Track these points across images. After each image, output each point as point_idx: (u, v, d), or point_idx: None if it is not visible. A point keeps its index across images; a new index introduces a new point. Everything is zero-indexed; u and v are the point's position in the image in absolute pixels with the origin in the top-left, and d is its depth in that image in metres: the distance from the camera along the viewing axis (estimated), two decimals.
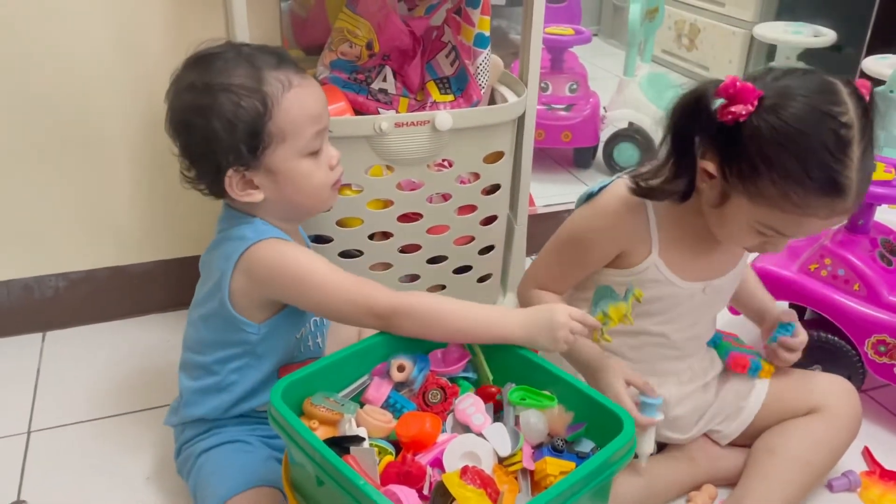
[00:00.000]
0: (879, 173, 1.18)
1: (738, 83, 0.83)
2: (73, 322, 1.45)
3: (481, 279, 1.36)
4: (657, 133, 2.00)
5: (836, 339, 1.24)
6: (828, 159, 0.82)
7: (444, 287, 1.32)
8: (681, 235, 0.98)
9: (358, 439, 0.81)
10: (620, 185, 0.98)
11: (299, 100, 0.89)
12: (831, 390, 1.10)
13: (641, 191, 0.94)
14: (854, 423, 1.09)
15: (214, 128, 0.87)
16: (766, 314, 1.13)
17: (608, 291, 0.94)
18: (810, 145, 0.82)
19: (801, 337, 1.09)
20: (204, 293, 0.97)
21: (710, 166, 0.88)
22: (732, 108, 0.83)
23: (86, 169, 1.36)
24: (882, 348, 1.20)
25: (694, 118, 0.87)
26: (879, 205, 1.24)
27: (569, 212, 1.78)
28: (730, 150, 0.86)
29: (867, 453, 1.18)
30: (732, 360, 1.10)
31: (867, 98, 0.86)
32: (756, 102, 0.83)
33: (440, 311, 0.91)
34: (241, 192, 0.91)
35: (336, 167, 0.96)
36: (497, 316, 0.92)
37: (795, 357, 1.09)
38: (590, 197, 1.02)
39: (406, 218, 1.23)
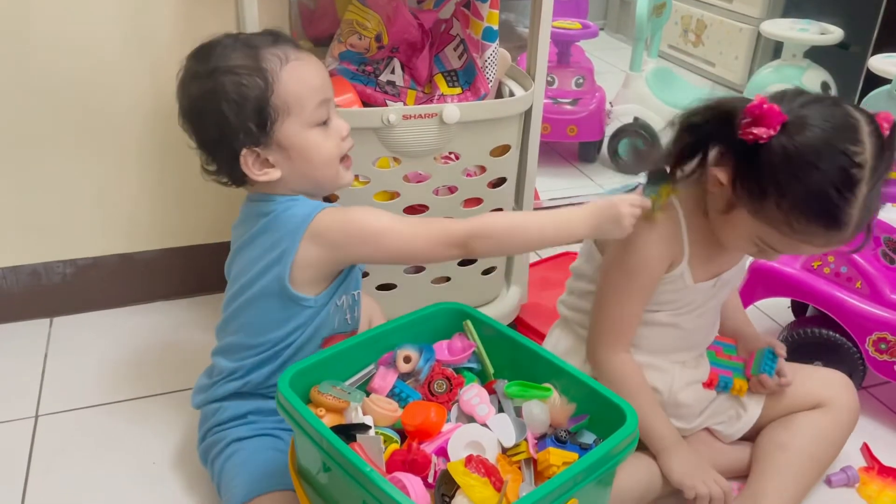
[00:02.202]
0: None
1: (765, 105, 0.84)
2: (80, 308, 1.46)
3: (486, 272, 1.36)
4: (662, 129, 2.02)
5: (837, 335, 1.25)
6: (833, 196, 0.84)
7: (448, 279, 1.33)
8: (700, 238, 0.99)
9: (364, 427, 0.82)
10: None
11: (298, 72, 0.92)
12: (832, 385, 1.11)
13: (645, 165, 0.98)
14: (854, 416, 1.11)
15: (223, 110, 0.89)
16: (742, 336, 1.16)
17: (657, 175, 0.99)
18: (819, 179, 0.84)
19: (784, 381, 1.09)
20: (250, 277, 0.97)
21: (723, 175, 0.90)
22: (755, 130, 0.84)
23: (95, 157, 1.37)
24: (883, 346, 1.21)
25: (718, 131, 0.89)
26: (884, 204, 1.25)
27: (574, 205, 1.80)
28: (743, 165, 0.88)
29: (866, 449, 1.19)
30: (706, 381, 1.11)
31: (887, 133, 0.87)
32: (778, 127, 0.84)
33: (513, 225, 0.95)
34: (259, 171, 0.93)
35: (346, 138, 0.98)
36: (564, 217, 0.95)
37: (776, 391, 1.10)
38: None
39: (412, 210, 1.23)
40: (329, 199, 1.19)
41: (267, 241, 0.95)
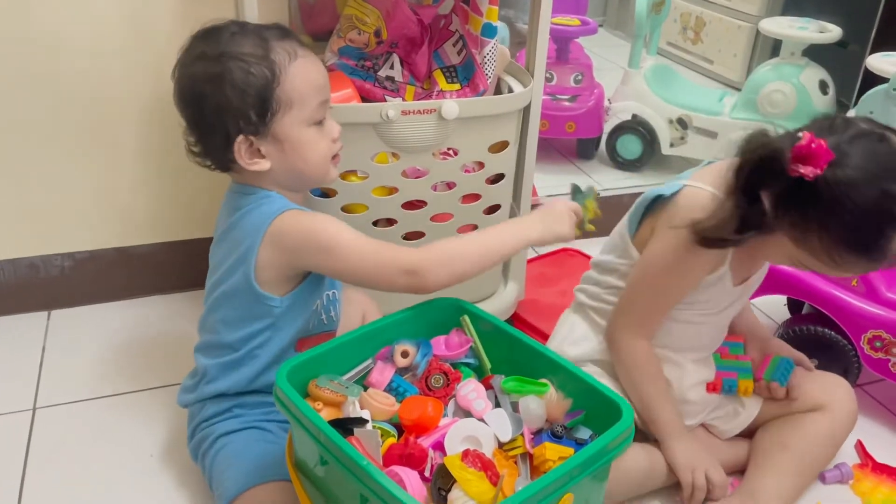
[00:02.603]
0: None
1: (813, 144, 0.84)
2: (77, 301, 1.46)
3: None
4: (660, 126, 2.02)
5: (832, 333, 1.25)
6: (876, 234, 0.86)
7: None
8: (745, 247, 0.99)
9: (361, 421, 0.82)
10: (695, 197, 0.97)
11: (305, 69, 0.93)
12: (833, 389, 1.12)
13: (710, 243, 0.94)
14: (853, 420, 1.13)
15: (226, 95, 0.89)
16: (754, 335, 1.17)
17: (577, 188, 1.07)
18: (864, 221, 0.86)
19: (793, 395, 1.10)
20: (222, 272, 0.98)
21: (765, 201, 0.90)
22: (802, 170, 0.84)
23: (93, 149, 1.37)
24: (878, 343, 1.22)
25: (767, 173, 0.88)
26: None
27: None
28: (787, 195, 0.88)
29: (860, 447, 1.20)
30: (710, 383, 1.11)
31: None
32: (825, 167, 0.84)
33: (461, 246, 0.95)
34: (250, 160, 0.93)
35: (337, 140, 0.99)
36: (514, 228, 0.99)
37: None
38: (656, 200, 1.02)
39: (410, 205, 1.23)
40: (327, 193, 1.19)
41: (236, 237, 0.95)
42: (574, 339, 1.12)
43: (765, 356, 1.14)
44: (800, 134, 0.86)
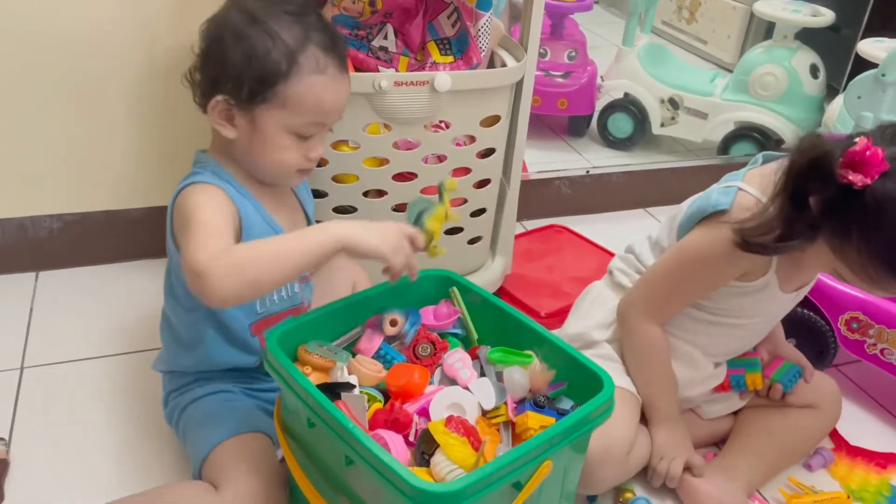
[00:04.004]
0: None
1: (868, 152, 0.80)
2: (66, 263, 1.46)
3: (472, 241, 1.38)
4: (651, 105, 2.03)
5: (811, 314, 1.28)
6: None
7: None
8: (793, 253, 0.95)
9: (349, 386, 0.84)
10: (744, 203, 0.93)
11: (321, 88, 0.90)
12: (823, 392, 1.14)
13: (751, 248, 0.90)
14: (837, 418, 1.16)
15: (237, 55, 0.88)
16: (770, 337, 1.15)
17: (420, 202, 0.92)
18: None
19: (791, 399, 1.11)
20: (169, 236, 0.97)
21: (813, 208, 0.86)
22: (851, 177, 0.80)
23: (84, 112, 1.36)
24: (855, 325, 1.25)
25: (815, 176, 0.84)
26: None
27: (561, 179, 1.81)
28: (834, 199, 0.84)
29: (833, 431, 1.22)
30: None
31: None
32: (877, 176, 0.80)
33: (253, 250, 0.83)
34: (219, 121, 0.91)
35: (312, 160, 0.95)
36: (320, 227, 0.85)
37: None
38: (713, 210, 0.96)
39: (401, 177, 1.24)
40: (319, 163, 1.19)
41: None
42: (599, 303, 1.11)
43: (775, 359, 1.14)
44: (856, 139, 0.81)
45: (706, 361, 1.09)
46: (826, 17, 2.01)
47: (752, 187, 0.95)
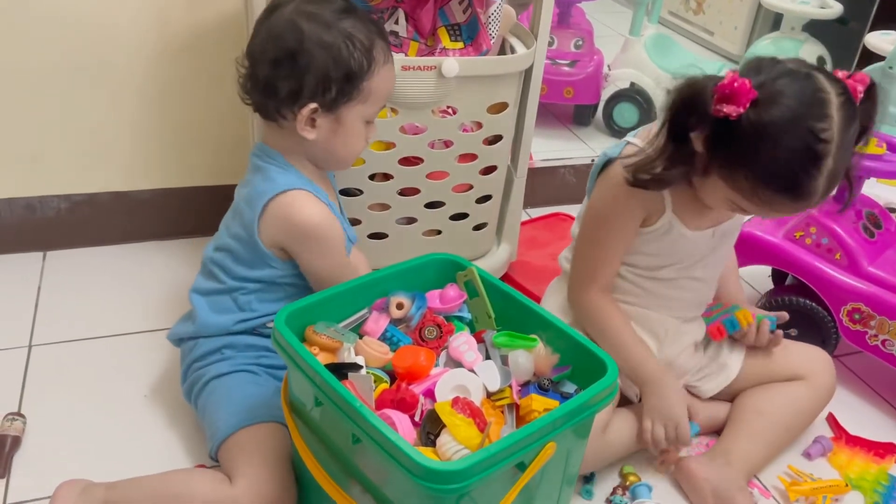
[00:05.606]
0: (871, 147, 1.21)
1: (735, 83, 0.84)
2: (73, 243, 1.47)
3: (477, 227, 1.39)
4: (657, 95, 2.02)
5: (813, 304, 1.29)
6: (798, 171, 0.87)
7: (440, 232, 1.35)
8: (685, 190, 1.00)
9: (356, 367, 0.85)
10: (631, 153, 1.00)
11: (389, 75, 1.02)
12: (813, 360, 1.16)
13: (638, 183, 0.96)
14: (830, 393, 1.16)
15: (326, 63, 0.95)
16: (736, 302, 1.18)
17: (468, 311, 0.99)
18: (784, 156, 0.86)
19: (776, 336, 1.14)
20: (237, 223, 1.03)
21: (698, 143, 0.92)
22: (725, 109, 0.85)
23: (94, 93, 1.37)
24: (857, 316, 1.25)
25: (691, 111, 0.90)
26: (868, 178, 1.28)
27: (567, 168, 1.82)
28: (716, 135, 0.89)
29: (832, 420, 1.23)
30: (710, 331, 1.14)
31: (860, 98, 0.89)
32: (747, 105, 0.85)
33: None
34: (304, 125, 0.97)
35: (369, 141, 1.05)
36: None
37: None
38: (606, 163, 1.04)
39: (407, 161, 1.25)
40: None
41: (251, 195, 1.01)
42: (562, 305, 1.15)
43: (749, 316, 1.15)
44: (723, 73, 0.86)
45: (672, 321, 1.10)
46: (834, 9, 2.01)
47: (642, 140, 1.01)
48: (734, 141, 0.87)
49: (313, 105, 0.96)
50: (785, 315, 1.18)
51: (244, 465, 0.92)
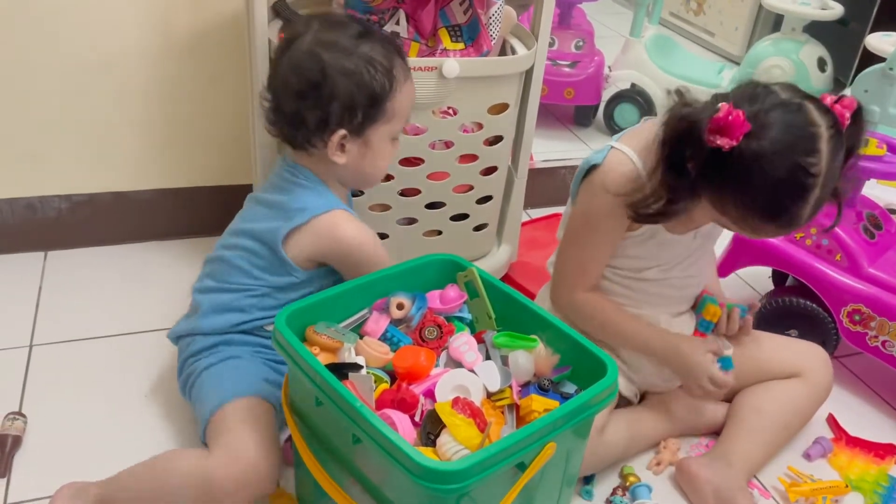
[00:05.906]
0: (871, 149, 1.21)
1: (730, 116, 0.86)
2: (74, 243, 1.47)
3: (477, 228, 1.39)
4: (658, 96, 2.03)
5: (813, 305, 1.29)
6: (786, 201, 0.89)
7: (440, 233, 1.35)
8: None
9: (356, 367, 0.85)
10: (615, 159, 1.01)
11: (410, 92, 1.03)
12: (809, 357, 1.16)
13: (643, 219, 0.98)
14: (827, 390, 1.16)
15: (350, 89, 0.96)
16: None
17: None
18: (773, 188, 0.89)
19: (746, 329, 1.13)
20: (255, 227, 1.03)
21: (690, 165, 0.92)
22: (719, 140, 0.87)
23: (95, 93, 1.37)
24: (857, 317, 1.25)
25: (686, 144, 0.91)
26: (868, 179, 1.28)
27: (567, 168, 1.82)
28: (708, 161, 0.90)
29: (832, 421, 1.23)
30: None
31: (847, 125, 0.90)
32: (741, 138, 0.87)
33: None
34: (335, 151, 0.99)
35: (395, 155, 1.07)
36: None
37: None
38: (590, 169, 1.04)
39: (408, 162, 1.25)
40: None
41: (281, 210, 1.01)
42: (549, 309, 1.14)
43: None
44: (718, 105, 0.87)
45: (663, 316, 1.11)
46: (835, 10, 2.01)
47: (624, 146, 1.01)
48: (725, 169, 0.89)
49: (342, 132, 0.98)
50: (756, 303, 1.19)
51: (222, 436, 0.93)
